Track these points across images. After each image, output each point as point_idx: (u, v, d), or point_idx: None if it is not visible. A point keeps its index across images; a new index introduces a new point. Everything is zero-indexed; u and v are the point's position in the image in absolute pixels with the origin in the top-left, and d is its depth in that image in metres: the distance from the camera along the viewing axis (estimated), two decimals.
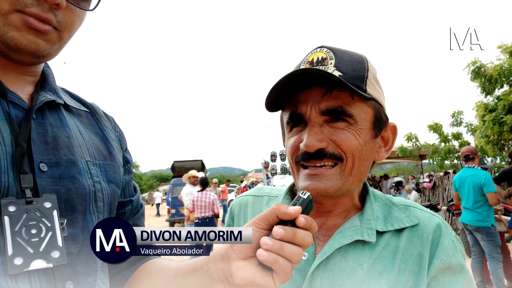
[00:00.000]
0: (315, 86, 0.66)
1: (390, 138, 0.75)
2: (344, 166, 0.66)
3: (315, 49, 0.71)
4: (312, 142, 0.64)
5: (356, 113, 0.66)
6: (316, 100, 0.66)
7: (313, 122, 0.66)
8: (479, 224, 4.05)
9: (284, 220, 0.55)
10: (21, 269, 0.51)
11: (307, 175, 0.67)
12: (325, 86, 0.65)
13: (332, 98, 0.65)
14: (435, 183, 9.22)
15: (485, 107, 8.60)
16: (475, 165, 4.26)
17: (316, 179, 0.66)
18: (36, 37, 0.56)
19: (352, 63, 0.68)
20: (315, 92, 0.66)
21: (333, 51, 0.69)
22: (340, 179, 0.66)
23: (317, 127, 0.66)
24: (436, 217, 0.72)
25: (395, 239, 0.69)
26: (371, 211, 0.72)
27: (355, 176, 0.68)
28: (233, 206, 0.89)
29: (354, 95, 0.65)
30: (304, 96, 0.67)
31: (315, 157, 0.66)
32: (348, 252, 0.68)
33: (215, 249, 0.62)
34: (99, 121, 0.76)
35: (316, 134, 0.65)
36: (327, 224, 0.73)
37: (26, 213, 0.54)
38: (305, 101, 0.66)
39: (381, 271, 0.66)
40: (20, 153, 0.55)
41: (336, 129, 0.66)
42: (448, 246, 0.67)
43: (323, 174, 0.66)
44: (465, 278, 0.67)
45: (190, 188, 6.94)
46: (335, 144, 0.66)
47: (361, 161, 0.67)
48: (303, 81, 0.65)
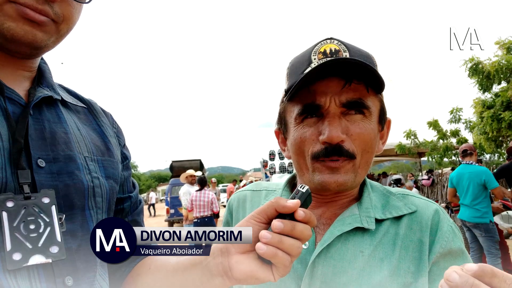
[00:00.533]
0: (332, 78, 0.65)
1: (385, 131, 0.77)
2: (357, 162, 0.68)
3: (324, 40, 0.71)
4: (336, 133, 0.64)
5: (371, 106, 0.68)
6: (336, 92, 0.65)
7: (332, 113, 0.66)
8: (478, 221, 4.06)
9: (283, 214, 0.55)
10: (20, 264, 0.51)
11: (327, 168, 0.67)
12: (343, 78, 0.65)
13: (351, 90, 0.65)
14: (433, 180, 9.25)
15: (483, 104, 8.63)
16: (473, 162, 4.27)
17: (336, 172, 0.67)
18: (32, 28, 0.56)
19: (364, 57, 0.68)
20: (333, 84, 0.65)
21: (344, 44, 0.69)
22: (353, 173, 0.68)
23: (337, 119, 0.66)
24: (434, 204, 0.73)
25: (394, 226, 0.70)
26: (369, 200, 0.73)
27: (364, 169, 0.70)
28: (231, 201, 0.89)
29: (369, 87, 0.66)
30: (322, 87, 0.66)
31: (335, 153, 0.66)
32: (348, 240, 0.68)
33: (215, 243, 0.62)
34: (96, 117, 0.76)
35: (338, 125, 0.65)
36: (327, 214, 0.74)
37: (24, 209, 0.54)
38: (324, 92, 0.66)
39: (382, 258, 0.66)
40: (17, 148, 0.54)
41: (352, 122, 0.67)
42: (447, 232, 0.68)
43: (342, 167, 0.66)
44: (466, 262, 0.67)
45: (188, 188, 6.94)
46: (351, 139, 0.66)
47: (369, 154, 0.69)
48: (321, 71, 0.64)
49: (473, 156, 4.32)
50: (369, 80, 0.65)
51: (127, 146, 0.83)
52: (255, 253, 0.55)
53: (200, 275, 0.60)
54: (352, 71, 0.64)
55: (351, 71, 0.64)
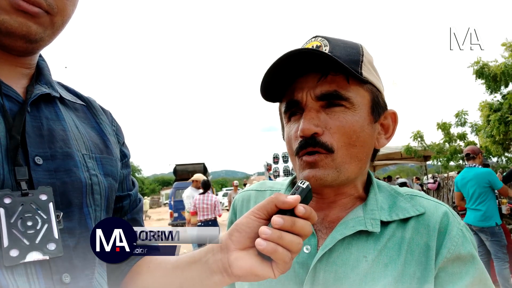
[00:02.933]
0: (310, 73, 0.66)
1: (390, 125, 0.74)
2: (336, 156, 0.65)
3: (310, 39, 0.71)
4: (308, 126, 0.63)
5: (352, 96, 0.65)
6: (312, 86, 0.65)
7: (309, 107, 0.65)
8: (484, 224, 4.00)
9: (283, 210, 0.54)
10: (17, 261, 0.51)
11: (305, 163, 0.66)
12: (320, 72, 0.65)
13: (327, 83, 0.64)
14: (439, 184, 9.15)
15: (490, 107, 8.55)
16: (476, 165, 4.22)
17: (314, 166, 0.65)
18: (27, 19, 0.56)
19: (346, 48, 0.67)
20: (310, 78, 0.66)
21: (327, 39, 0.68)
22: (336, 168, 0.65)
23: (313, 112, 0.65)
24: (443, 205, 0.69)
25: (400, 229, 0.67)
26: (375, 201, 0.70)
27: (353, 163, 0.66)
28: (236, 201, 0.87)
29: (350, 78, 0.65)
30: (300, 83, 0.67)
31: (308, 145, 0.65)
32: (351, 244, 0.66)
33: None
34: (95, 115, 0.75)
35: (312, 118, 0.64)
36: (330, 217, 0.72)
37: (21, 205, 0.53)
38: (301, 88, 0.66)
39: (386, 263, 0.64)
40: (14, 145, 0.54)
41: (332, 115, 0.65)
42: (456, 235, 0.64)
43: (319, 161, 0.65)
44: (477, 269, 0.64)
45: (191, 191, 6.90)
46: (330, 132, 0.64)
47: (357, 147, 0.66)
48: (299, 68, 0.65)
49: (477, 159, 4.26)
50: (349, 71, 0.63)
51: (126, 144, 0.83)
52: (255, 250, 0.54)
53: (199, 272, 0.60)
54: (328, 64, 0.63)
55: (327, 65, 0.63)
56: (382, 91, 0.72)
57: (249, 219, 0.56)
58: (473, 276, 0.62)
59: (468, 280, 0.62)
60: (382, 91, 0.71)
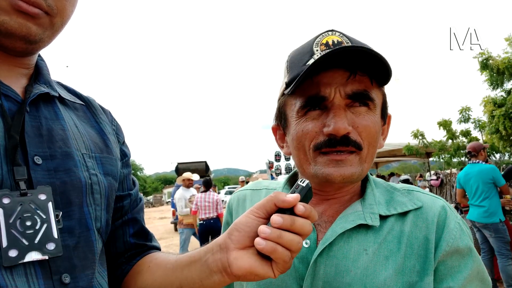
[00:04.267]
0: (337, 69, 0.64)
1: (385, 127, 0.75)
2: (362, 154, 0.66)
3: (325, 32, 0.69)
4: (343, 125, 0.62)
5: (376, 98, 0.66)
6: (341, 83, 0.64)
7: (337, 105, 0.64)
8: (487, 221, 3.98)
9: (283, 209, 0.54)
10: (16, 261, 0.51)
11: (331, 161, 0.65)
12: (347, 69, 0.63)
13: (356, 81, 0.64)
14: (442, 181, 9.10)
15: (494, 102, 8.47)
16: (480, 161, 4.19)
17: (341, 165, 0.64)
18: (26, 20, 0.56)
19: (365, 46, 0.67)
20: (338, 75, 0.64)
21: (346, 36, 0.67)
22: (360, 166, 0.66)
23: (343, 111, 0.64)
24: (440, 200, 0.70)
25: (399, 223, 0.67)
26: (373, 196, 0.71)
27: (369, 162, 0.68)
28: (231, 201, 0.87)
29: (373, 80, 0.65)
30: (326, 79, 0.64)
31: (341, 143, 0.63)
32: (351, 238, 0.66)
33: (214, 240, 0.61)
34: (95, 114, 0.75)
35: (344, 117, 0.63)
36: (329, 211, 0.72)
37: (20, 205, 0.53)
38: (329, 84, 0.64)
39: (386, 256, 0.64)
40: (13, 145, 0.54)
41: (357, 114, 0.65)
42: (454, 229, 0.65)
43: (348, 159, 0.64)
44: (475, 261, 0.64)
45: (182, 192, 6.75)
46: (357, 131, 0.65)
47: (373, 148, 0.68)
48: (325, 62, 0.62)
49: (479, 156, 4.23)
50: (373, 72, 0.64)
51: (126, 143, 0.83)
52: (254, 249, 0.54)
53: (199, 271, 0.59)
54: (356, 62, 0.62)
55: (355, 62, 0.62)
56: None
57: (248, 218, 0.56)
58: (471, 269, 0.63)
59: (466, 272, 0.62)
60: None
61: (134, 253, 0.77)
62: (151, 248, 0.79)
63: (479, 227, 4.12)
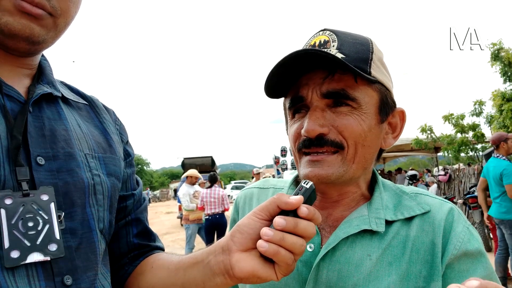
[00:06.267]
0: (317, 70, 0.63)
1: (398, 124, 0.72)
2: (345, 154, 0.64)
3: (317, 32, 0.69)
4: (312, 126, 0.62)
5: (360, 97, 0.63)
6: (318, 83, 0.63)
7: (314, 106, 0.64)
8: (503, 217, 3.89)
9: (286, 211, 0.53)
10: (18, 262, 0.51)
11: (308, 162, 0.65)
12: (327, 69, 0.62)
13: (334, 81, 0.62)
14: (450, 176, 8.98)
15: (503, 96, 8.32)
16: (500, 155, 3.96)
17: (317, 165, 0.64)
18: (30, 21, 0.55)
19: (356, 45, 0.65)
20: (316, 75, 0.63)
21: (336, 33, 0.66)
22: (342, 166, 0.64)
23: (319, 112, 0.63)
24: (448, 203, 0.68)
25: (405, 228, 0.66)
26: (380, 200, 0.69)
27: (358, 163, 0.65)
28: (238, 199, 0.87)
29: (357, 77, 0.62)
30: (305, 80, 0.65)
31: (316, 144, 0.63)
32: (355, 243, 0.65)
33: (216, 241, 0.60)
34: (98, 114, 0.75)
35: (317, 118, 0.62)
36: (334, 215, 0.70)
37: (22, 206, 0.53)
38: (306, 84, 0.64)
39: (390, 262, 0.63)
40: (15, 145, 0.54)
41: (338, 114, 0.63)
42: (462, 232, 0.63)
43: (324, 160, 0.63)
44: (485, 267, 0.62)
45: (187, 188, 6.76)
46: (337, 131, 0.63)
47: (364, 147, 0.65)
48: (305, 64, 0.63)
49: (500, 149, 3.96)
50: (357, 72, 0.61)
51: (130, 143, 0.82)
52: (257, 251, 0.53)
53: (201, 273, 0.59)
54: (336, 62, 0.60)
55: (333, 62, 0.60)
56: (392, 89, 0.70)
57: (251, 220, 0.55)
58: (481, 274, 0.60)
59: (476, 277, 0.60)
60: (391, 89, 0.69)
61: (137, 254, 0.77)
62: (154, 249, 0.79)
63: (498, 223, 4.02)
